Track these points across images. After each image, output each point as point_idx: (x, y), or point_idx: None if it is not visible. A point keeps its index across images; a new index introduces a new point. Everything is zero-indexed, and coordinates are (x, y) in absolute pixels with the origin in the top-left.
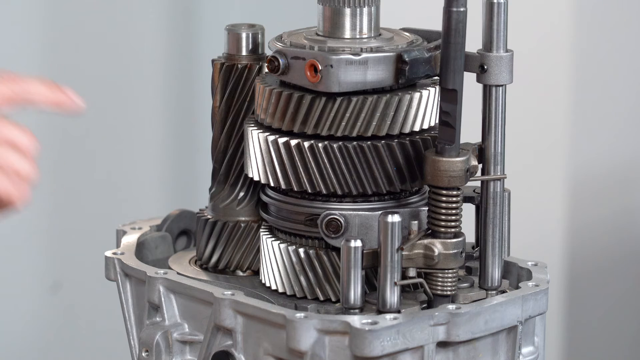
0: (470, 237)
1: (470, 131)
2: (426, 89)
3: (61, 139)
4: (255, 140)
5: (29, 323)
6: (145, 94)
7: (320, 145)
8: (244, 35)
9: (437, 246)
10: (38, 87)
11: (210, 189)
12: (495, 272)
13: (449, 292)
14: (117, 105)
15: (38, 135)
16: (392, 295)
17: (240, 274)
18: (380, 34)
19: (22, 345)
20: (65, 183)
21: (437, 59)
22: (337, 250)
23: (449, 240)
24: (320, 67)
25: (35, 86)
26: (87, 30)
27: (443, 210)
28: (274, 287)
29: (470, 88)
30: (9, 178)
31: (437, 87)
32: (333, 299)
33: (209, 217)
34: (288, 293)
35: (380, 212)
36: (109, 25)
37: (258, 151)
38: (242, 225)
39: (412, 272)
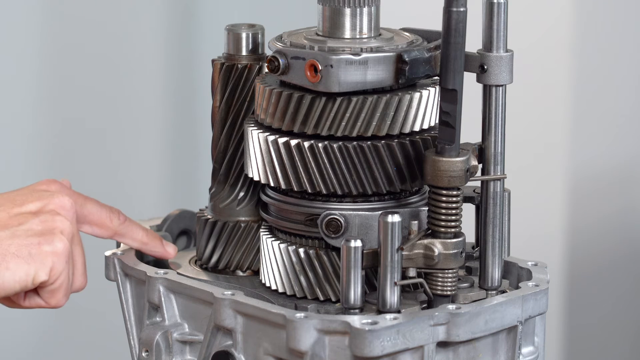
0: (470, 237)
1: (470, 131)
2: (426, 89)
3: (61, 138)
4: (255, 140)
5: (28, 323)
6: (146, 94)
7: (320, 145)
8: (244, 35)
9: (437, 246)
10: (139, 234)
11: (210, 189)
12: (495, 272)
13: (449, 292)
14: (117, 105)
15: (38, 135)
16: (392, 295)
17: (240, 274)
18: (380, 34)
19: (22, 345)
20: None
21: (437, 59)
22: (337, 250)
23: (449, 240)
24: (320, 67)
25: (138, 233)
26: (87, 30)
27: (443, 210)
28: (274, 287)
29: (470, 88)
30: (69, 280)
31: (437, 87)
32: (333, 299)
33: (209, 217)
34: (288, 293)
35: (380, 212)
36: (109, 25)
37: (258, 151)
38: (242, 225)
39: (412, 272)
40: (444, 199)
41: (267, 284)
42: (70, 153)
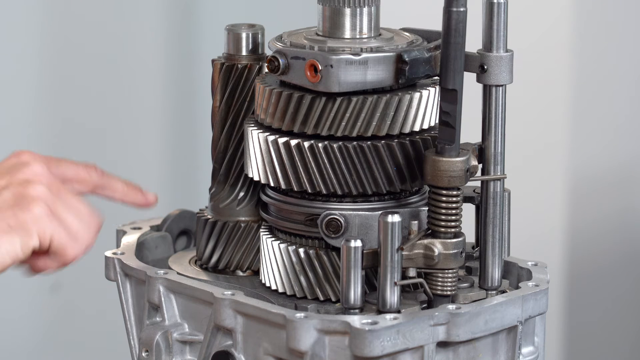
0: (470, 237)
1: (470, 131)
2: (426, 89)
3: (61, 138)
4: (255, 140)
5: (29, 323)
6: (146, 94)
7: (320, 145)
8: (244, 35)
9: (437, 246)
10: (119, 185)
11: (210, 189)
12: (495, 272)
13: (449, 292)
14: (117, 105)
15: (38, 135)
16: (392, 295)
17: (240, 274)
18: (380, 34)
19: (23, 345)
20: None
21: (437, 59)
22: (337, 250)
23: (449, 240)
24: (320, 67)
25: (117, 183)
26: (87, 30)
27: (443, 210)
28: (274, 287)
29: (470, 88)
30: (67, 234)
31: (437, 87)
32: (333, 299)
33: (209, 217)
34: (288, 293)
35: (380, 212)
36: (109, 25)
37: (258, 151)
38: (242, 225)
39: (412, 272)
40: (444, 199)
41: (267, 284)
42: (70, 153)
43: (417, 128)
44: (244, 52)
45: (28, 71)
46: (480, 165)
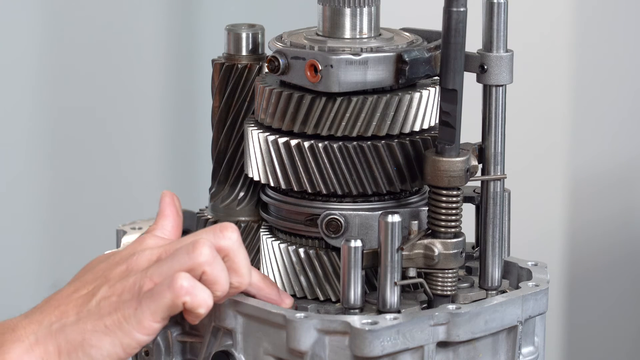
0: (470, 237)
1: (470, 131)
2: (426, 89)
3: (61, 138)
4: (255, 140)
5: None
6: (146, 94)
7: (320, 145)
8: (244, 35)
9: (437, 246)
10: (259, 282)
11: (210, 189)
12: (495, 272)
13: (449, 292)
14: (117, 105)
15: (38, 136)
16: (392, 295)
17: None
18: (380, 34)
19: None
20: (65, 183)
21: (437, 59)
22: (337, 250)
23: (449, 240)
24: (320, 67)
25: (257, 279)
26: (87, 30)
27: (443, 210)
28: None
29: (470, 88)
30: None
31: (437, 87)
32: (333, 299)
33: (209, 217)
34: (288, 293)
35: (380, 212)
36: (109, 25)
37: (258, 151)
38: (242, 225)
39: (412, 272)
40: (444, 199)
41: None
42: (70, 153)
43: (417, 128)
44: (244, 52)
45: (28, 71)
46: (480, 165)
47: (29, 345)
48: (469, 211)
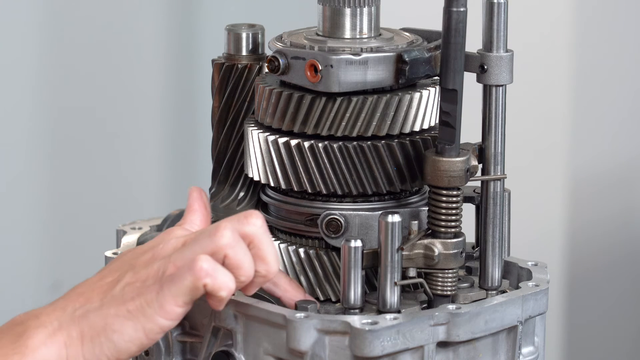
0: (470, 237)
1: (470, 131)
2: (426, 89)
3: (61, 138)
4: (255, 140)
5: None
6: (146, 94)
7: (320, 145)
8: (244, 35)
9: (437, 246)
10: (286, 284)
11: (210, 189)
12: (495, 272)
13: (449, 292)
14: (117, 105)
15: (38, 136)
16: (392, 295)
17: None
18: (380, 34)
19: None
20: (65, 183)
21: (437, 59)
22: (337, 250)
23: (449, 240)
24: (320, 67)
25: (284, 282)
26: (87, 30)
27: (443, 210)
28: None
29: (470, 88)
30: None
31: (437, 87)
32: (333, 299)
33: None
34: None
35: (380, 212)
36: (109, 25)
37: (258, 151)
38: None
39: (412, 272)
40: (444, 199)
41: None
42: (70, 154)
43: (417, 128)
44: (244, 52)
45: (28, 71)
46: (480, 165)
47: (52, 331)
48: (469, 211)
